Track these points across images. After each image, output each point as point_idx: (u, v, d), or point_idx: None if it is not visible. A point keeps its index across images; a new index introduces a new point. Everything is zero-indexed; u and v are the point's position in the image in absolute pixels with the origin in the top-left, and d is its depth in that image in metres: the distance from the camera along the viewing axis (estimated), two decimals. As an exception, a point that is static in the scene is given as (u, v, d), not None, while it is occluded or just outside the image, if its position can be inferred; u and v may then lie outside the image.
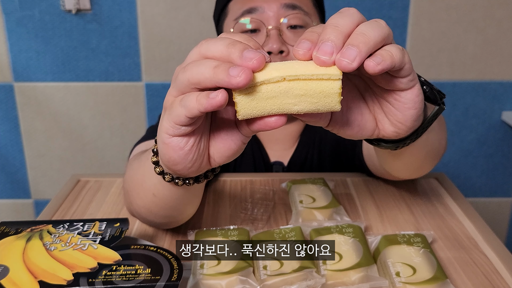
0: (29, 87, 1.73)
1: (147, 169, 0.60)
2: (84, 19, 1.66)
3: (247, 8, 0.86)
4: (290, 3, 0.86)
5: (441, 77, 1.75)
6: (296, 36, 0.87)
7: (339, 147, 0.98)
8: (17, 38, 1.67)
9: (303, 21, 0.87)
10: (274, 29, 0.85)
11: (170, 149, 0.49)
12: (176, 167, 0.51)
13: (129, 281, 0.50)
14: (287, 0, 0.86)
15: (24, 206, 1.89)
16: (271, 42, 0.85)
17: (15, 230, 0.60)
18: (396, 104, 0.49)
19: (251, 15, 0.86)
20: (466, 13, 1.68)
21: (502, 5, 1.67)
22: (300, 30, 0.87)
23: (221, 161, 0.51)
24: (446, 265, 0.65)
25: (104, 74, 1.73)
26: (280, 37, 0.86)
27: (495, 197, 1.90)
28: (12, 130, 1.79)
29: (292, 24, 0.87)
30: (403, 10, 1.67)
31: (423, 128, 0.54)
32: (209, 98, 0.43)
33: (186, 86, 0.45)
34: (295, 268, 0.59)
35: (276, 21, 0.86)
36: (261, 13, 0.86)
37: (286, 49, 0.86)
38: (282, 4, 0.86)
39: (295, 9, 0.86)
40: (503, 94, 1.78)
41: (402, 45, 1.70)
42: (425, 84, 0.54)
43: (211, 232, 0.67)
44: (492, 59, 1.73)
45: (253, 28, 0.87)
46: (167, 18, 1.67)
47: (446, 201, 0.83)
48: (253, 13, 0.86)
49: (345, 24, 0.44)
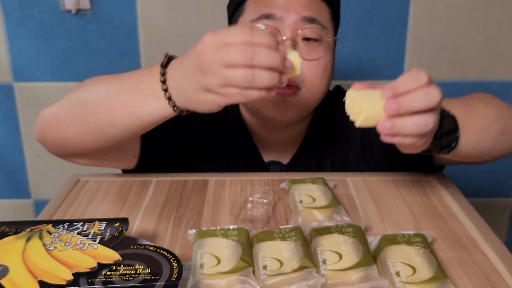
0: (29, 87, 1.73)
1: (138, 93, 0.67)
2: (84, 19, 1.66)
3: (265, 13, 0.83)
4: (309, 17, 0.84)
5: (441, 77, 1.75)
6: (310, 49, 0.85)
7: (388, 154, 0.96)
8: (17, 38, 1.67)
9: (319, 35, 0.85)
10: (289, 40, 0.83)
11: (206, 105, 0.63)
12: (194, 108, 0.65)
13: (129, 281, 0.50)
14: (307, 13, 0.83)
15: (24, 206, 1.89)
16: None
17: (14, 230, 0.60)
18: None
19: (268, 21, 0.83)
20: (466, 12, 1.68)
21: (503, 4, 1.67)
22: (314, 44, 0.85)
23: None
24: (446, 265, 0.65)
25: (104, 73, 1.72)
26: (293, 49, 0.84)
27: (495, 197, 1.90)
28: (12, 130, 1.79)
29: (307, 37, 0.84)
30: (403, 9, 1.67)
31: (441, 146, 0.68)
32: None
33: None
34: (295, 268, 0.59)
35: (293, 32, 0.83)
36: (279, 21, 0.83)
37: None
38: (301, 16, 0.83)
39: (313, 22, 0.84)
40: (503, 94, 1.77)
41: (402, 45, 1.70)
42: (441, 135, 0.67)
43: (211, 232, 0.67)
44: (493, 59, 1.73)
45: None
46: (167, 18, 1.67)
47: (446, 201, 0.83)
48: (271, 19, 0.83)
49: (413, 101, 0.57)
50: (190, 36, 1.68)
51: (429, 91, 0.57)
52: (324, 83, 0.89)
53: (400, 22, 1.69)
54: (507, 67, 1.75)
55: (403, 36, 1.70)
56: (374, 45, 1.71)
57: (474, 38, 1.71)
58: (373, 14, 1.66)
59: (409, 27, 1.69)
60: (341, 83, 1.74)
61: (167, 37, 1.69)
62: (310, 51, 0.85)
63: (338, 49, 0.96)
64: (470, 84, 1.76)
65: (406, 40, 1.71)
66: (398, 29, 1.69)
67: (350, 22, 1.67)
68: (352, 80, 1.74)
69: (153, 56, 1.71)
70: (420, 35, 1.70)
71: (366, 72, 1.74)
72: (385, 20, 1.68)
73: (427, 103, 0.57)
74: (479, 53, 1.72)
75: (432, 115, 0.58)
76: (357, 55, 1.72)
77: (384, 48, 1.72)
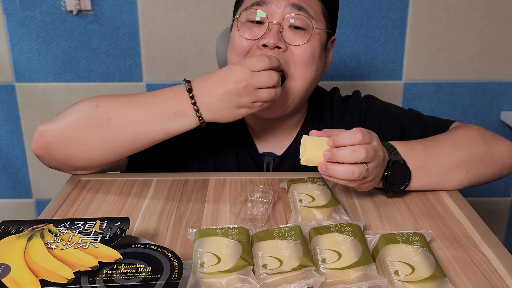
0: (31, 87, 1.74)
1: (167, 113, 0.81)
2: (85, 20, 1.66)
3: (257, 0, 0.90)
4: (297, 4, 0.88)
5: (440, 77, 1.75)
6: (296, 36, 0.88)
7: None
8: (19, 39, 1.68)
9: (306, 23, 0.89)
10: (275, 24, 0.88)
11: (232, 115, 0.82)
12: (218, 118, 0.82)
13: (130, 279, 0.50)
14: (295, 1, 0.88)
15: (26, 206, 1.90)
16: (269, 36, 0.87)
17: (16, 229, 0.60)
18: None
19: (260, 7, 0.89)
20: (465, 13, 1.69)
21: (501, 5, 1.68)
22: (301, 32, 0.89)
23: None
24: (445, 264, 0.65)
25: (105, 74, 1.73)
26: (279, 34, 0.87)
27: (494, 197, 1.91)
28: (14, 130, 1.79)
29: (294, 25, 0.88)
30: (402, 10, 1.68)
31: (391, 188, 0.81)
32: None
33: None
34: (295, 266, 0.60)
35: (280, 17, 0.88)
36: (268, 7, 0.89)
37: (284, 46, 0.88)
38: (289, 2, 0.88)
39: (301, 10, 0.88)
40: (501, 94, 1.78)
41: (401, 46, 1.71)
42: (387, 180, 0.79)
43: (211, 231, 0.67)
44: (491, 60, 1.74)
45: (258, 20, 0.90)
46: (168, 18, 1.68)
47: (445, 200, 0.83)
48: (261, 6, 0.89)
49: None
50: (190, 36, 1.69)
51: (357, 149, 0.71)
52: (310, 71, 0.91)
53: (399, 23, 1.69)
54: (505, 68, 1.75)
55: (402, 36, 1.71)
56: (373, 45, 1.71)
57: (472, 39, 1.71)
58: (372, 15, 1.67)
59: (408, 28, 1.70)
60: (340, 83, 1.76)
61: (168, 37, 1.70)
62: (295, 37, 0.88)
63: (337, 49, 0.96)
64: (468, 84, 1.76)
65: (405, 40, 1.71)
66: (397, 30, 1.70)
67: (350, 22, 1.67)
68: (352, 80, 1.75)
69: (154, 56, 1.71)
70: (419, 35, 1.71)
71: (365, 72, 1.75)
72: (384, 21, 1.68)
73: (352, 158, 0.71)
74: (477, 53, 1.73)
75: (358, 167, 0.72)
76: (356, 56, 1.72)
77: (383, 49, 1.72)
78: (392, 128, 0.98)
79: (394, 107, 1.04)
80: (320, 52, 0.92)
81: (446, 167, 0.83)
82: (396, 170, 0.80)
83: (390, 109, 1.03)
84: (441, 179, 0.84)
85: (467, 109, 1.79)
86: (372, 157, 0.73)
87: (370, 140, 0.74)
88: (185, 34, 1.69)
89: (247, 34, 0.90)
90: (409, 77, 1.75)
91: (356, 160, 0.72)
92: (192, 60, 1.72)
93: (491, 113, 1.80)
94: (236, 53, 0.91)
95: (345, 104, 1.02)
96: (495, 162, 0.87)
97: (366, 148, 0.72)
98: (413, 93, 1.77)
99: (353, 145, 0.72)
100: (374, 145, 0.74)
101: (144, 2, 1.66)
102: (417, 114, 1.01)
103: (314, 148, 0.74)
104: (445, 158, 0.83)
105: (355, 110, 1.01)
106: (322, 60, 0.93)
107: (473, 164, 0.85)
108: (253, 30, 0.90)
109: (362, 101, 1.02)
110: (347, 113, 1.01)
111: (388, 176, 0.79)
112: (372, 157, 0.73)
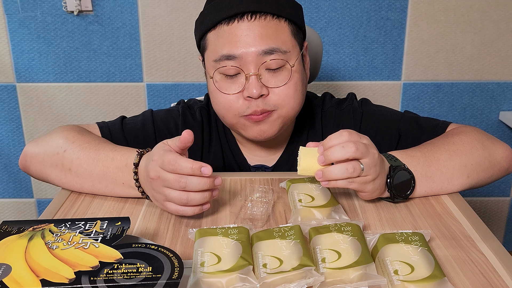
0: (32, 87, 1.74)
1: (117, 182, 0.82)
2: (85, 20, 1.67)
3: (225, 54, 0.86)
4: (268, 49, 0.86)
5: (439, 78, 1.75)
6: (275, 78, 0.87)
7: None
8: (20, 39, 1.68)
9: (282, 62, 0.87)
10: (253, 75, 0.86)
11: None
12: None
13: (131, 279, 0.51)
14: (264, 47, 0.85)
15: (26, 206, 1.90)
16: (250, 87, 0.85)
17: (17, 229, 0.60)
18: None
19: (230, 62, 0.86)
20: (463, 14, 1.69)
21: (499, 6, 1.68)
22: (279, 71, 0.87)
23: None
24: (444, 263, 0.65)
25: (106, 74, 1.74)
26: (259, 82, 0.86)
27: (493, 197, 1.91)
28: (15, 130, 1.80)
29: (271, 68, 0.87)
30: (401, 11, 1.68)
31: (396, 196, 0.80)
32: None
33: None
34: (295, 266, 0.60)
35: (255, 67, 0.86)
36: (240, 60, 0.86)
37: (266, 91, 0.87)
38: (260, 51, 0.85)
39: (273, 53, 0.86)
40: (500, 95, 1.78)
41: (400, 46, 1.71)
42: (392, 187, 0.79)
43: (212, 231, 0.67)
44: (490, 60, 1.74)
45: (232, 74, 0.87)
46: (168, 19, 1.68)
47: (444, 200, 0.83)
48: (232, 60, 0.86)
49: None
50: (190, 37, 1.69)
51: (345, 145, 0.72)
52: (298, 101, 0.90)
53: (398, 24, 1.69)
54: (504, 68, 1.75)
55: (401, 37, 1.71)
56: (372, 46, 1.72)
57: (471, 39, 1.72)
58: (371, 15, 1.67)
59: (407, 28, 1.70)
60: (340, 83, 1.76)
61: (168, 38, 1.70)
62: (275, 79, 0.87)
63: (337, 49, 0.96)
64: (467, 84, 1.76)
65: (404, 41, 1.71)
66: (396, 31, 1.70)
67: (349, 23, 1.68)
68: (351, 81, 1.75)
69: (154, 57, 1.71)
70: (418, 36, 1.71)
71: (364, 72, 1.75)
72: (383, 22, 1.69)
73: (342, 153, 0.72)
74: (476, 54, 1.73)
75: (351, 163, 0.72)
76: (355, 56, 1.72)
77: (382, 49, 1.72)
78: (388, 134, 0.97)
79: (389, 111, 1.02)
80: (301, 76, 0.91)
81: (447, 173, 0.83)
82: (399, 175, 0.79)
83: (385, 113, 1.01)
84: (444, 185, 0.83)
85: (466, 109, 1.79)
86: (363, 152, 0.72)
87: (358, 138, 0.74)
88: (186, 35, 1.70)
89: (229, 90, 0.88)
90: (408, 77, 1.76)
91: (347, 155, 0.71)
92: (192, 60, 1.73)
93: (490, 113, 1.80)
94: (227, 110, 0.89)
95: (339, 110, 1.00)
96: (494, 166, 0.87)
97: (355, 143, 0.72)
98: (412, 93, 1.77)
99: (340, 143, 0.72)
100: (364, 142, 0.74)
101: (144, 2, 1.66)
102: (413, 117, 0.99)
103: (308, 157, 0.75)
104: (445, 164, 0.83)
105: (350, 116, 0.99)
106: (303, 76, 0.92)
107: (473, 169, 0.85)
108: (233, 83, 0.88)
109: (356, 107, 1.00)
110: (341, 120, 0.99)
111: (392, 182, 0.78)
112: (363, 152, 0.72)
